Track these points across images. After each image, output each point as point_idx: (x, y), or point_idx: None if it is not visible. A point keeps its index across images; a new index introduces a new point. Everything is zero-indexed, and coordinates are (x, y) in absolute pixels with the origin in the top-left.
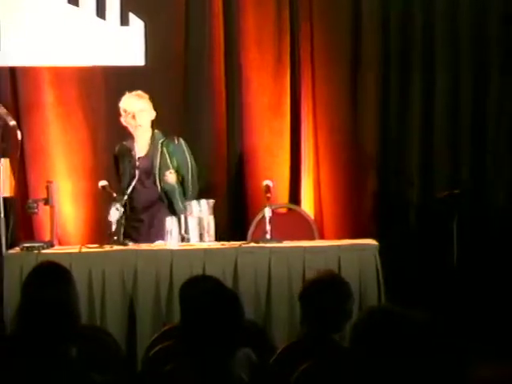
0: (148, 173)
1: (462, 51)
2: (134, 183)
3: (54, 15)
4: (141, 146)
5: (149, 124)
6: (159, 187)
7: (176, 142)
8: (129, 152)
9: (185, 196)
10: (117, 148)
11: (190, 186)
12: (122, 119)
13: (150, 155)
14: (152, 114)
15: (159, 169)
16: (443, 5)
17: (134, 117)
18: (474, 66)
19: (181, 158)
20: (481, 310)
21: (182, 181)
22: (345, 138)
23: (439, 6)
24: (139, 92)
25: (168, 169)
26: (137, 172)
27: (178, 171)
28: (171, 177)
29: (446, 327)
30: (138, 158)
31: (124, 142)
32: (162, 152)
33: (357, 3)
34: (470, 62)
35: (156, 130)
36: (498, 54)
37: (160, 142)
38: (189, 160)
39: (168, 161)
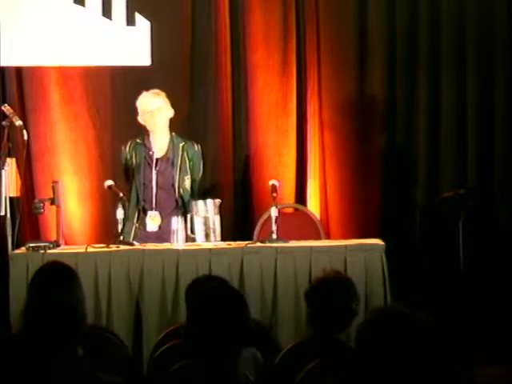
0: (165, 175)
1: (468, 52)
2: (154, 185)
3: (60, 15)
4: (159, 147)
5: (167, 123)
6: (177, 191)
7: (196, 147)
8: (146, 150)
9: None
10: (128, 144)
11: (196, 191)
12: (140, 118)
13: (169, 157)
14: (170, 113)
15: (179, 172)
16: (449, 7)
17: (152, 115)
18: (480, 67)
19: (197, 163)
20: (487, 312)
21: (191, 185)
22: (351, 137)
23: (445, 7)
24: (156, 90)
25: (186, 174)
26: (153, 173)
27: (191, 176)
28: (188, 182)
29: (452, 328)
30: (156, 159)
31: (138, 140)
32: (182, 156)
33: (363, 5)
34: (477, 63)
35: (173, 133)
36: (505, 56)
37: (181, 145)
38: (201, 168)
39: (187, 165)
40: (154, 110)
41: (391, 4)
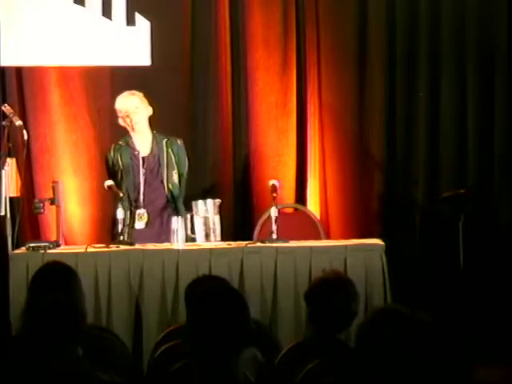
0: (154, 173)
1: (469, 53)
2: (141, 184)
3: (60, 15)
4: (143, 146)
5: (146, 121)
6: (166, 187)
7: (179, 142)
8: (131, 151)
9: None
10: (112, 148)
11: (184, 186)
12: (120, 120)
13: (155, 155)
14: (148, 111)
15: (166, 168)
16: (449, 7)
17: (129, 116)
18: (480, 67)
19: (182, 158)
20: (486, 311)
21: (179, 179)
22: (351, 137)
23: (445, 7)
24: (133, 91)
25: (174, 169)
26: (141, 172)
27: (178, 170)
28: (176, 177)
29: (452, 328)
30: (143, 157)
31: (120, 142)
32: (167, 152)
33: (363, 5)
34: (477, 63)
35: (154, 131)
36: (506, 57)
37: (164, 141)
38: (187, 162)
39: (173, 161)
40: (131, 109)
41: (391, 4)
